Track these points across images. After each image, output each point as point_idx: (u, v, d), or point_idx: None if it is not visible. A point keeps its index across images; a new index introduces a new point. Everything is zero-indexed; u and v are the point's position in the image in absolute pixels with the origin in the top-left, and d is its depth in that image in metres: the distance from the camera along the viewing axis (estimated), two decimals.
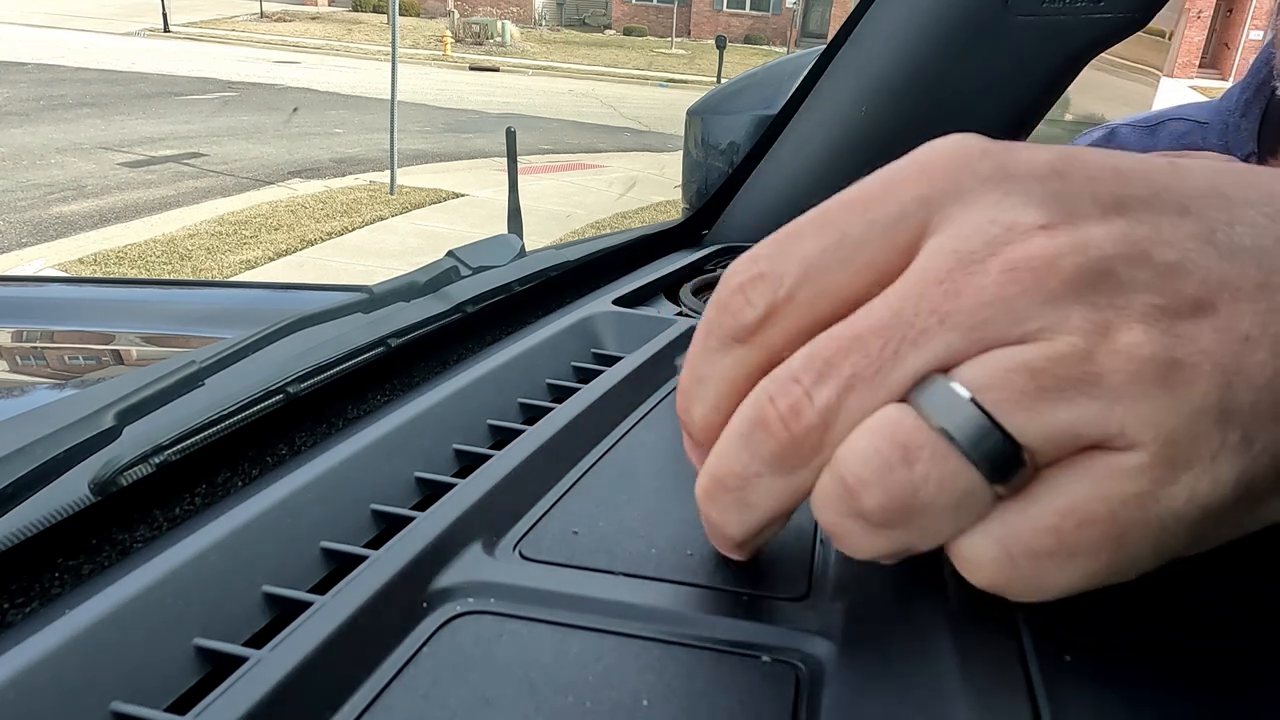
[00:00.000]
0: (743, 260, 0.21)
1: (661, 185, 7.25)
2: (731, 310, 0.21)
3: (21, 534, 0.27)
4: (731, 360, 0.22)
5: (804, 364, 0.20)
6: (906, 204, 0.20)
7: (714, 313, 0.22)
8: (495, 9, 23.87)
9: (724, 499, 0.22)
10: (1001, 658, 0.22)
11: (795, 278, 0.20)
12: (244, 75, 12.14)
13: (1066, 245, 0.18)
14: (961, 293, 0.18)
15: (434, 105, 10.83)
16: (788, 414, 0.20)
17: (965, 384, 0.18)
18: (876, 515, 0.19)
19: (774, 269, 0.21)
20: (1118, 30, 0.59)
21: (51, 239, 5.12)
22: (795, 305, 0.20)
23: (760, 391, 0.21)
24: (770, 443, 0.20)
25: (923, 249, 0.19)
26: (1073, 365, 0.18)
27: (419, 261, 0.57)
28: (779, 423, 0.20)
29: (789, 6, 23.59)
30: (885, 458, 0.19)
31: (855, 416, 0.19)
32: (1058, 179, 0.19)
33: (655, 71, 16.95)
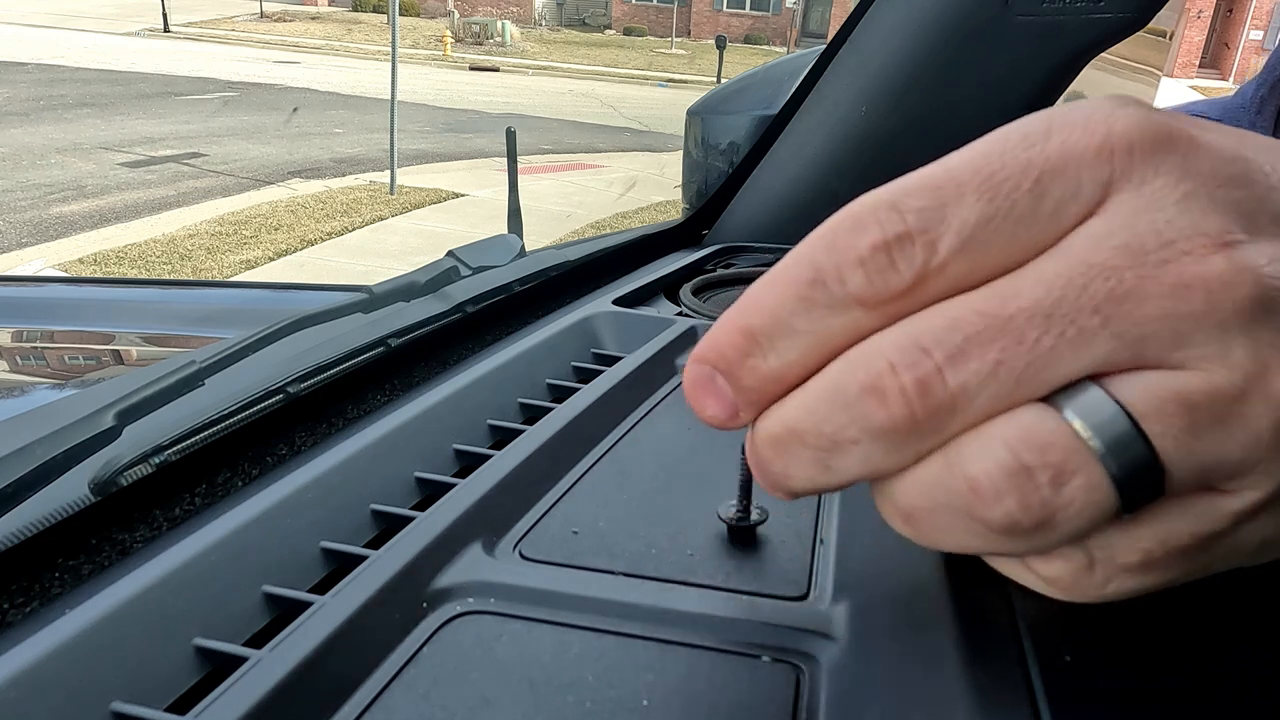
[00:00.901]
0: (881, 207, 0.19)
1: (661, 185, 7.25)
2: (868, 269, 0.18)
3: (21, 534, 0.27)
4: (844, 322, 0.19)
5: (940, 335, 0.18)
6: (1084, 184, 0.18)
7: (833, 263, 0.19)
8: (495, 9, 23.87)
9: (800, 454, 0.20)
10: (1001, 658, 0.22)
11: (953, 247, 0.18)
12: (244, 75, 12.14)
13: (1244, 271, 0.17)
14: (1129, 297, 0.17)
15: (434, 105, 10.83)
16: (914, 388, 0.18)
17: (1126, 404, 0.17)
18: (1000, 525, 0.18)
19: (926, 230, 0.18)
20: (1117, 30, 0.59)
21: (51, 239, 5.12)
22: (945, 277, 0.18)
23: (876, 353, 0.18)
24: (881, 414, 0.18)
25: (1086, 229, 0.18)
26: (1227, 404, 0.17)
27: (419, 261, 0.57)
28: (899, 395, 0.18)
29: (789, 6, 23.59)
30: (1028, 470, 0.17)
31: (989, 408, 0.18)
32: (1240, 186, 0.18)
33: (655, 71, 16.96)
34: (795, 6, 23.46)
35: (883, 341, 0.18)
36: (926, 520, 0.20)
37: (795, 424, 0.20)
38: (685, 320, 0.50)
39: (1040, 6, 0.59)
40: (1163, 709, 0.21)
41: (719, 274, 0.63)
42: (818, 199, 0.70)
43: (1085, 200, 0.18)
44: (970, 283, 0.18)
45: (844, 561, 0.28)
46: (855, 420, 0.19)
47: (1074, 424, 0.17)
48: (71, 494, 0.29)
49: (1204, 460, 0.17)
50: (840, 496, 0.33)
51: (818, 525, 0.31)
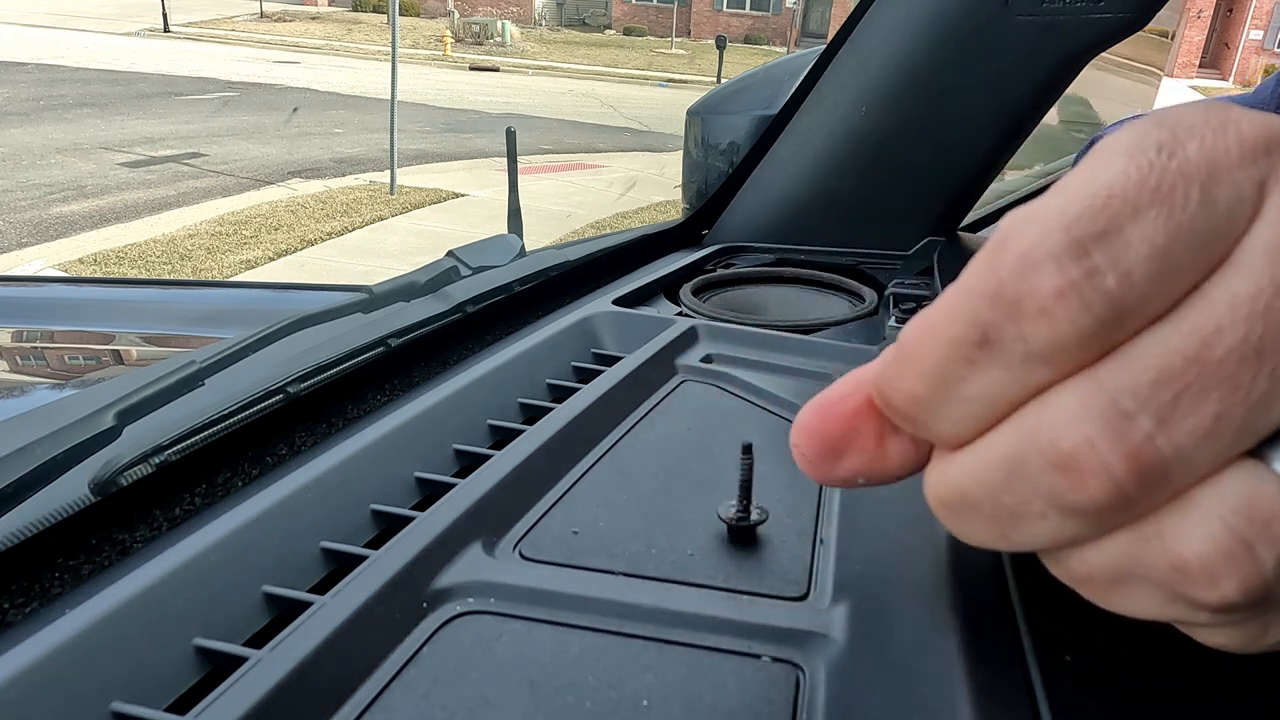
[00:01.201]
0: (1051, 239, 0.16)
1: (661, 185, 7.24)
2: (1054, 320, 0.15)
3: (21, 534, 0.27)
4: (1022, 381, 0.16)
5: (1144, 393, 0.15)
6: (1243, 186, 0.15)
7: (1006, 317, 0.16)
8: (495, 9, 23.87)
9: (976, 524, 0.18)
10: (1002, 658, 0.22)
11: (1148, 275, 0.15)
12: (244, 75, 12.14)
13: None
14: None
15: (434, 105, 10.82)
16: (1122, 464, 0.15)
17: None
18: (1214, 606, 0.16)
19: (1118, 259, 0.15)
20: (1117, 30, 0.59)
21: (51, 239, 5.12)
22: (1142, 312, 0.15)
23: (1066, 422, 0.16)
24: (1079, 493, 0.16)
25: (1258, 238, 0.15)
26: None
27: (419, 261, 0.57)
28: (1102, 473, 0.15)
29: (789, 6, 23.59)
30: (1249, 546, 0.15)
31: (1200, 470, 0.15)
32: None
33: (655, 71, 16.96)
34: (795, 6, 23.45)
35: (1071, 406, 0.16)
36: (1111, 589, 0.17)
37: (967, 491, 0.18)
38: (685, 320, 0.50)
39: (1040, 6, 0.59)
40: (1163, 709, 0.21)
41: (719, 274, 0.63)
42: (818, 199, 0.70)
43: (1250, 205, 0.16)
44: (1158, 313, 0.16)
45: (844, 561, 0.28)
46: (1043, 495, 0.16)
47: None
48: (71, 494, 0.29)
49: None
50: (840, 497, 0.33)
51: (818, 525, 0.31)
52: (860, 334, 0.51)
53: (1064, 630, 0.23)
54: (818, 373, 0.46)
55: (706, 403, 0.42)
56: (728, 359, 0.47)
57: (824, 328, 0.52)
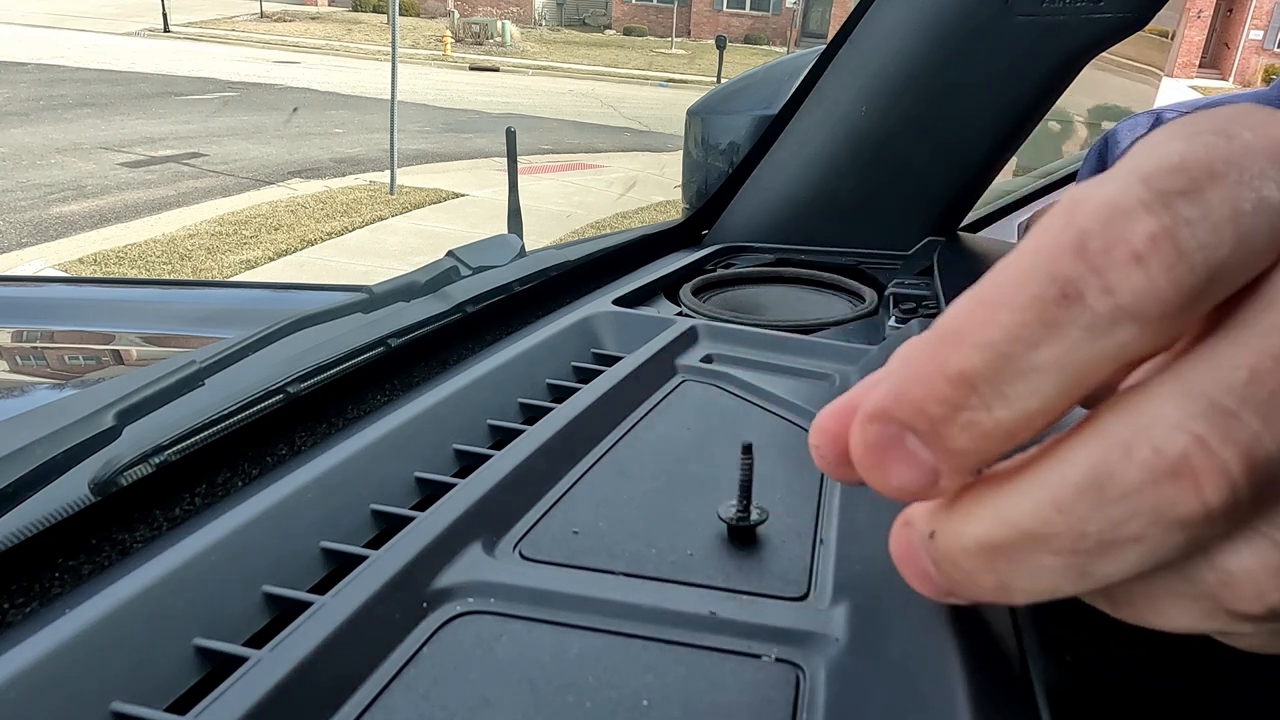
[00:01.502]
0: (1136, 188, 0.14)
1: (661, 185, 7.24)
2: (1149, 268, 0.14)
3: (21, 534, 0.27)
4: (1108, 348, 0.14)
5: (1238, 388, 0.14)
6: None
7: (1091, 266, 0.14)
8: (495, 9, 23.87)
9: (1040, 563, 0.15)
10: (1002, 658, 0.22)
11: (1233, 239, 0.14)
12: (244, 75, 12.14)
13: None
14: None
15: (434, 105, 10.82)
16: (1239, 466, 0.14)
17: None
18: (1262, 617, 0.15)
19: (1205, 215, 0.14)
20: (1117, 30, 0.59)
21: (51, 239, 5.12)
22: (1231, 282, 0.14)
23: (1165, 422, 0.14)
24: (1192, 505, 0.14)
25: None
26: None
27: (419, 261, 0.57)
28: (1220, 478, 0.14)
29: (789, 6, 23.59)
30: None
31: None
32: None
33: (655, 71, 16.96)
34: (795, 6, 23.45)
35: (1168, 405, 0.14)
36: (1151, 606, 0.16)
37: (1037, 527, 0.15)
38: (685, 320, 0.50)
39: (1040, 6, 0.59)
40: (1164, 709, 0.21)
41: (719, 274, 0.63)
42: (818, 199, 0.70)
43: None
44: (1242, 285, 0.15)
45: (844, 561, 0.28)
46: (1145, 512, 0.14)
47: None
48: (71, 494, 0.29)
49: None
50: (840, 497, 0.33)
51: (818, 525, 0.31)
52: (860, 334, 0.51)
53: (1064, 630, 0.23)
54: (818, 373, 0.46)
55: (706, 403, 0.42)
56: (728, 359, 0.47)
57: (824, 328, 0.52)
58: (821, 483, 0.35)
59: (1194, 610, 0.16)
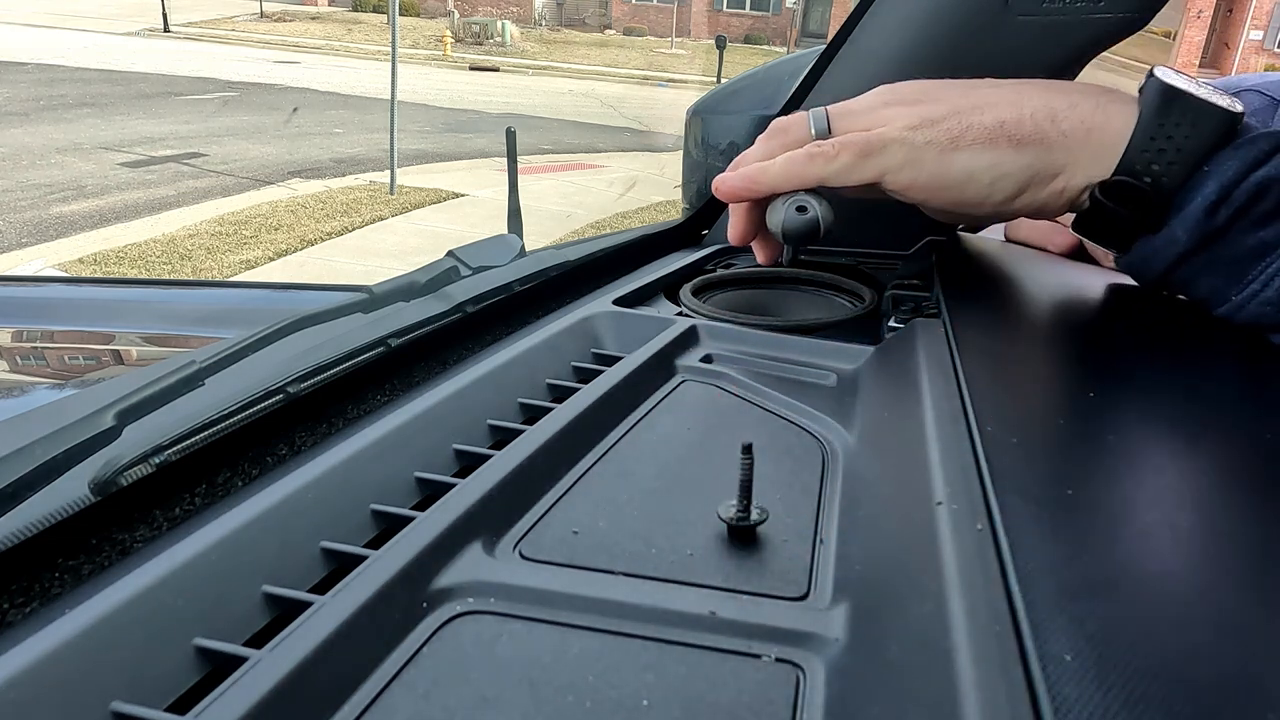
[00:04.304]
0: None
1: (661, 185, 7.24)
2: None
3: (21, 534, 0.27)
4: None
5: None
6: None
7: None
8: (495, 9, 23.86)
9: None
10: (1002, 658, 0.22)
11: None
12: (244, 75, 12.13)
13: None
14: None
15: (434, 105, 10.82)
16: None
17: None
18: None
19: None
20: (1118, 30, 0.59)
21: (51, 239, 5.11)
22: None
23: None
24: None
25: None
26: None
27: (419, 261, 0.57)
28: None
29: (789, 6, 23.58)
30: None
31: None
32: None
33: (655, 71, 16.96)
34: (795, 6, 23.45)
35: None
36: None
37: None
38: (685, 320, 0.50)
39: (1040, 6, 0.59)
40: (1164, 710, 0.21)
41: (719, 274, 0.63)
42: None
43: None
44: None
45: (844, 561, 0.28)
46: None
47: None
48: (71, 494, 0.29)
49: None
50: (840, 497, 0.33)
51: (818, 525, 0.31)
52: (860, 334, 0.51)
53: (1064, 630, 0.23)
54: (818, 372, 0.46)
55: (706, 403, 0.42)
56: (728, 359, 0.47)
57: (824, 328, 0.52)
58: (821, 483, 0.35)
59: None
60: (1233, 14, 20.24)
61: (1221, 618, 0.23)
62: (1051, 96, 0.45)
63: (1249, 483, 0.28)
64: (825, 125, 0.49)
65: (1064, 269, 0.59)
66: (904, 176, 0.46)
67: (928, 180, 0.46)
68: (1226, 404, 0.35)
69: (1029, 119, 0.45)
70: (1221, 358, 0.42)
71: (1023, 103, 0.45)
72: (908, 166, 0.46)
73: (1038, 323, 0.49)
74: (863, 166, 0.46)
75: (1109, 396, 0.34)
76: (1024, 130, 0.44)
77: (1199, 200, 0.42)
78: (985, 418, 0.31)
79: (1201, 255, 0.43)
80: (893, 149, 0.46)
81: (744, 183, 0.49)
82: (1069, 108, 0.45)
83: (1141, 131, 0.43)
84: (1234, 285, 0.43)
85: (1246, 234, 0.42)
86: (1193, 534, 0.24)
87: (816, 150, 0.47)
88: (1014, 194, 0.46)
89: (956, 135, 0.45)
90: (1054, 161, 0.44)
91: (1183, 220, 0.43)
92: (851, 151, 0.46)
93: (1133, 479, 0.27)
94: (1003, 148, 0.45)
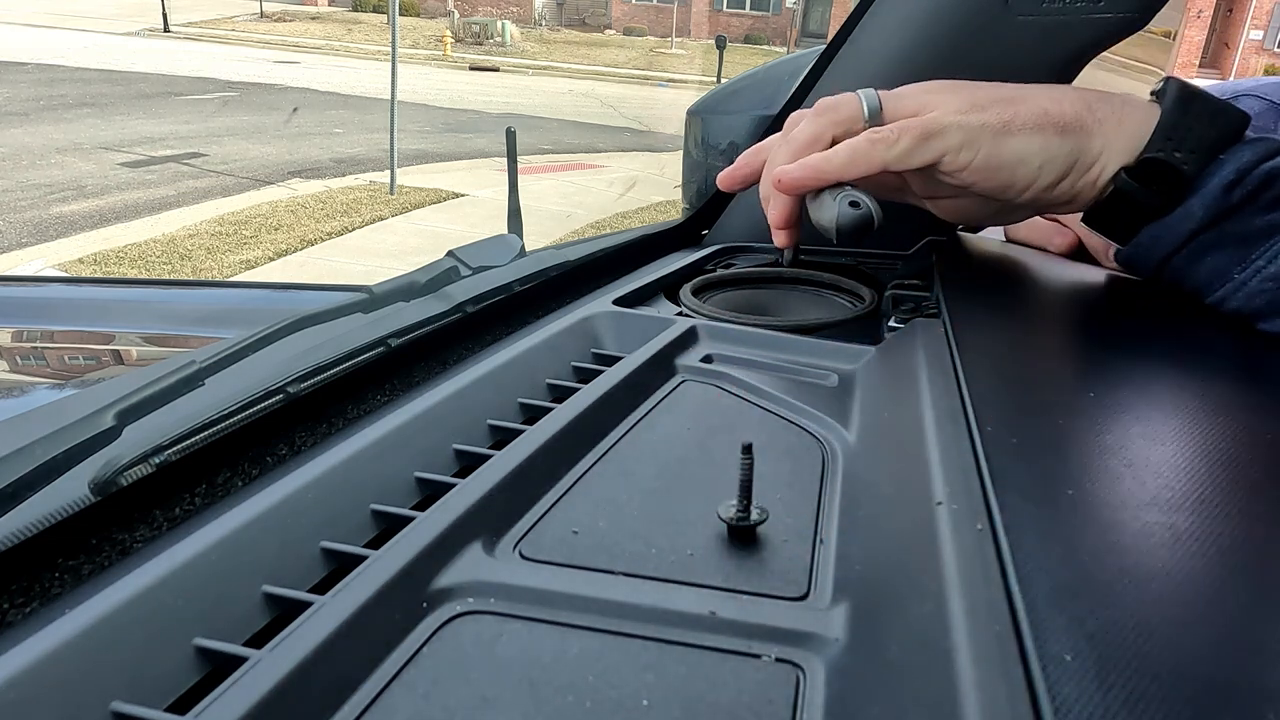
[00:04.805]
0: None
1: (661, 185, 7.24)
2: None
3: (21, 534, 0.27)
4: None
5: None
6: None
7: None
8: (495, 9, 23.86)
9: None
10: (1002, 658, 0.22)
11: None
12: (244, 75, 12.13)
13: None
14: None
15: (434, 105, 10.82)
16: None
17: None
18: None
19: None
20: (1118, 30, 0.59)
21: (51, 239, 5.11)
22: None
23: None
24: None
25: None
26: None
27: (419, 261, 0.57)
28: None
29: (789, 6, 23.59)
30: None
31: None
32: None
33: (655, 71, 16.95)
34: (795, 6, 23.45)
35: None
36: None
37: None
38: (685, 320, 0.50)
39: (1040, 6, 0.59)
40: (1164, 710, 0.21)
41: (719, 274, 0.63)
42: None
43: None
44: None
45: (844, 561, 0.28)
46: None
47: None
48: (71, 494, 0.29)
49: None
50: (840, 497, 0.33)
51: (818, 525, 0.31)
52: (860, 334, 0.51)
53: (1064, 630, 0.23)
54: (818, 372, 0.46)
55: (706, 403, 0.42)
56: (728, 359, 0.47)
57: (824, 328, 0.52)
58: (821, 483, 0.35)
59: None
60: (1233, 14, 20.24)
61: (1221, 617, 0.23)
62: (1081, 92, 0.48)
63: (1249, 482, 0.28)
64: (878, 105, 0.49)
65: (1064, 269, 0.59)
66: (962, 158, 0.47)
67: (983, 162, 0.47)
68: (1227, 403, 0.35)
69: (1069, 106, 0.47)
70: (1221, 357, 0.42)
71: (1059, 95, 0.48)
72: (965, 148, 0.47)
73: (1038, 322, 0.49)
74: (924, 149, 0.47)
75: (1109, 396, 0.34)
76: (1066, 117, 0.47)
77: (1217, 180, 0.45)
78: (985, 418, 0.31)
79: (1213, 232, 0.46)
80: (951, 131, 0.47)
81: (808, 172, 0.49)
82: (1100, 100, 0.48)
83: (1164, 123, 0.46)
84: (1238, 263, 0.46)
85: (1256, 215, 0.45)
86: (1193, 534, 0.24)
87: (877, 136, 0.48)
88: (1057, 179, 0.48)
89: (1008, 120, 0.47)
90: (1093, 148, 0.47)
91: (1201, 197, 0.46)
92: (912, 135, 0.47)
93: (1132, 479, 0.27)
94: (1050, 133, 0.47)
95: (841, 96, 0.50)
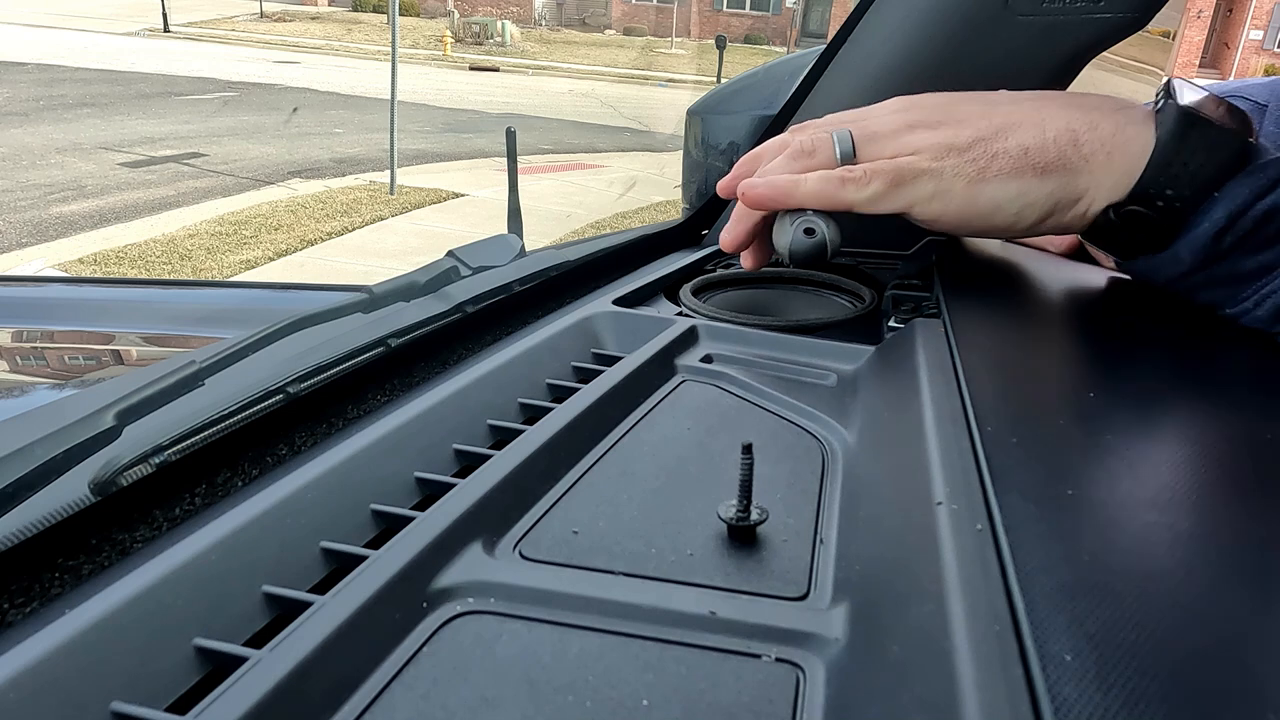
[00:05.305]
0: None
1: (661, 185, 7.24)
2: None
3: (21, 534, 0.27)
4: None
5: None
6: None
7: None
8: (495, 9, 23.85)
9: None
10: (1002, 658, 0.22)
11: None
12: (244, 75, 12.13)
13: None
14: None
15: (434, 105, 10.82)
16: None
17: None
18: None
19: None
20: (1118, 30, 0.59)
21: (51, 239, 5.11)
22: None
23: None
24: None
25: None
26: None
27: (419, 261, 0.57)
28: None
29: (789, 6, 23.59)
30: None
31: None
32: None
33: (655, 71, 16.95)
34: (795, 6, 23.45)
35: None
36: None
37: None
38: (685, 320, 0.50)
39: (1040, 6, 0.59)
40: (1164, 710, 0.21)
41: (719, 274, 0.63)
42: None
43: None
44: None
45: (844, 561, 0.28)
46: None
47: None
48: (71, 494, 0.29)
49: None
50: (840, 497, 0.33)
51: (818, 525, 0.31)
52: (860, 334, 0.51)
53: (1064, 630, 0.23)
54: (818, 372, 0.46)
55: (706, 403, 0.42)
56: (728, 359, 0.47)
57: (824, 328, 0.52)
58: (821, 483, 0.35)
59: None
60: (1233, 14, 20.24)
61: (1222, 618, 0.23)
62: (1072, 115, 0.46)
63: (1249, 482, 0.28)
64: (850, 148, 0.48)
65: (1064, 269, 0.59)
66: (933, 208, 0.46)
67: (956, 212, 0.46)
68: (1227, 403, 0.35)
69: (1052, 144, 0.45)
70: (1222, 357, 0.42)
71: (1045, 124, 0.45)
72: (936, 199, 0.46)
73: (1038, 322, 0.49)
74: (893, 196, 0.46)
75: (1109, 396, 0.34)
76: (1048, 157, 0.45)
77: (1207, 225, 0.43)
78: (985, 417, 0.31)
79: (1201, 274, 0.44)
80: (922, 181, 0.46)
81: (774, 193, 0.49)
82: (1089, 129, 0.45)
83: (1159, 156, 0.44)
84: (1228, 302, 0.45)
85: (1247, 257, 0.43)
86: (1193, 534, 0.24)
87: (849, 176, 0.47)
88: (1039, 219, 0.46)
89: (983, 166, 0.45)
90: (1077, 186, 0.45)
91: (1189, 243, 0.44)
92: (882, 180, 0.46)
93: (1133, 479, 0.27)
94: (1028, 177, 0.45)
95: (817, 137, 0.49)
